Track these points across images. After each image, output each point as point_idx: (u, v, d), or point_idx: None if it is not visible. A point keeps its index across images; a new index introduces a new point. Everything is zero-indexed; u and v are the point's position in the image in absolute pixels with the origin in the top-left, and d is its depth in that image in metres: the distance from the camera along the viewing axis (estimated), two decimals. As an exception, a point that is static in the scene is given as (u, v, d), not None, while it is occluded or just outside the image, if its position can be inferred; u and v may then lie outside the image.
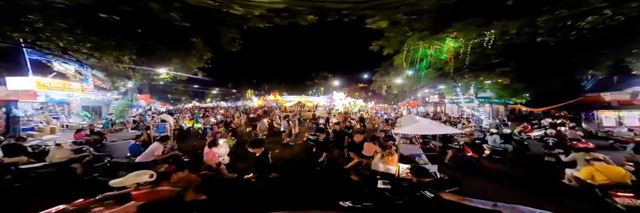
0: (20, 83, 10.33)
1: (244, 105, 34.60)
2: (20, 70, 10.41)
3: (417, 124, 5.06)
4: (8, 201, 2.72)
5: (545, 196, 4.16)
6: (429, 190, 2.76)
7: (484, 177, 5.22)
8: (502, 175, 5.36)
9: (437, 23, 6.79)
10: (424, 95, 28.79)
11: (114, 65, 12.10)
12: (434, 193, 2.67)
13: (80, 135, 8.53)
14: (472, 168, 5.76)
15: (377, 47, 10.63)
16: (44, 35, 6.71)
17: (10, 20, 5.66)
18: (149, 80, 20.95)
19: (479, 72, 11.00)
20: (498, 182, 4.86)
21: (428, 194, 2.68)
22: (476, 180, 4.96)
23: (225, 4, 5.65)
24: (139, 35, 8.34)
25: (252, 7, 5.91)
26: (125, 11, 5.91)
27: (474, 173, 5.39)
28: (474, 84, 12.77)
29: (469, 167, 5.79)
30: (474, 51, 8.92)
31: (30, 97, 11.02)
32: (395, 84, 20.82)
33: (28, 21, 5.77)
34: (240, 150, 6.42)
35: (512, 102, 14.46)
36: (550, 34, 6.39)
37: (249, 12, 6.06)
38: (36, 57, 10.96)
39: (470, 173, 5.33)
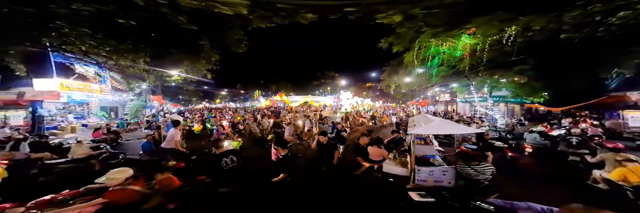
0: (46, 84, 10.95)
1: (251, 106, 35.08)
2: (46, 72, 11.03)
3: (431, 124, 4.84)
4: (34, 193, 2.92)
5: (580, 196, 3.95)
6: (482, 201, 2.39)
7: (528, 178, 4.98)
8: (544, 175, 5.16)
9: (455, 19, 6.51)
10: (435, 94, 28.11)
11: (130, 67, 12.60)
12: (492, 204, 2.31)
13: (98, 134, 8.93)
14: (511, 169, 5.51)
15: (387, 44, 10.43)
16: (69, 39, 7.12)
17: (39, 26, 6.06)
18: (161, 82, 21.67)
19: (494, 70, 10.59)
20: (542, 183, 4.69)
21: (486, 206, 2.28)
22: (522, 182, 4.73)
23: (212, 5, 5.69)
24: (153, 38, 8.67)
25: (235, 5, 5.88)
26: (140, 16, 6.15)
27: (516, 175, 5.14)
28: (489, 82, 12.32)
29: (507, 168, 5.48)
30: (492, 48, 8.58)
31: (54, 98, 11.65)
32: (405, 83, 20.41)
33: (55, 27, 6.14)
34: (247, 152, 6.38)
35: (529, 101, 13.85)
36: (576, 30, 6.03)
37: (237, 10, 6.01)
38: (60, 60, 11.59)
39: (513, 175, 5.09)
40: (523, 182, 4.69)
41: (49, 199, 2.80)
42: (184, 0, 5.41)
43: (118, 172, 2.94)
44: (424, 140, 6.57)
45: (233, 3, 5.72)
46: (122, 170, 2.99)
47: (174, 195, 3.02)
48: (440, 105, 29.73)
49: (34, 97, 10.97)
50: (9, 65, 9.33)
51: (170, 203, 2.90)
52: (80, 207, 2.59)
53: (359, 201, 3.66)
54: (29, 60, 9.94)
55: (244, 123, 10.91)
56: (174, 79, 20.80)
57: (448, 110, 26.73)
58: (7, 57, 8.41)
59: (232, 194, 3.33)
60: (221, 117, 13.97)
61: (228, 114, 17.88)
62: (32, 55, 9.68)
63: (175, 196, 3.01)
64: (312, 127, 9.07)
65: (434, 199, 2.75)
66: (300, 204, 3.52)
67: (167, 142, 5.28)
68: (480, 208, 2.26)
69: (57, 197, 2.86)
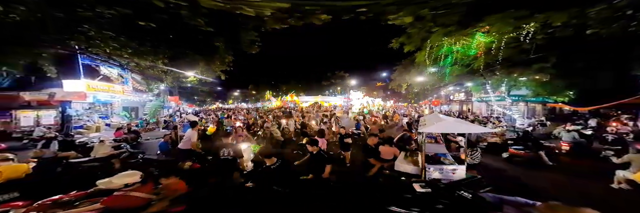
0: (74, 85, 11.69)
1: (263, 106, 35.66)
2: (74, 73, 11.79)
3: (441, 122, 4.82)
4: (55, 191, 3.10)
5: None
6: (465, 190, 2.87)
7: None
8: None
9: (467, 17, 6.30)
10: (448, 93, 27.23)
11: (150, 68, 13.23)
12: (471, 193, 2.80)
13: (120, 134, 9.35)
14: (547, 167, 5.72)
15: (398, 44, 10.25)
16: (95, 42, 7.63)
17: (69, 29, 6.53)
18: (178, 83, 22.56)
19: (512, 69, 10.08)
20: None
21: (465, 194, 2.77)
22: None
23: (237, 6, 5.76)
24: (171, 40, 9.08)
25: (261, 8, 5.96)
26: (159, 18, 6.43)
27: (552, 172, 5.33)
28: (507, 81, 11.75)
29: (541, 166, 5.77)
30: (508, 46, 8.18)
31: (81, 98, 12.44)
32: (416, 82, 19.94)
33: (82, 30, 6.59)
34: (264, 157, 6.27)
35: (552, 100, 13.05)
36: (603, 25, 5.62)
37: (260, 12, 6.11)
38: (87, 62, 12.34)
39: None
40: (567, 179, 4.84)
41: (55, 200, 2.80)
42: (207, 2, 5.51)
43: (124, 176, 2.85)
44: (434, 139, 6.58)
45: (260, 5, 5.81)
46: (128, 174, 2.89)
47: (180, 200, 2.87)
48: (454, 105, 28.80)
49: (63, 98, 11.78)
50: (42, 67, 10.08)
51: (173, 208, 2.75)
52: (79, 212, 2.54)
53: (369, 194, 3.87)
54: (59, 63, 10.68)
55: (257, 125, 10.72)
56: (189, 80, 21.62)
57: (462, 110, 25.81)
58: (40, 59, 9.10)
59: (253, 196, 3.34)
60: (235, 118, 14.30)
61: (240, 114, 18.31)
62: (62, 57, 10.40)
63: (181, 201, 2.87)
64: (330, 125, 9.61)
65: (431, 190, 3.15)
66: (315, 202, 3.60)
67: (183, 143, 5.37)
68: (461, 196, 2.80)
69: (64, 198, 2.86)
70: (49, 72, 10.47)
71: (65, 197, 2.88)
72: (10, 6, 4.92)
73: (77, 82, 11.74)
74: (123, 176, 2.83)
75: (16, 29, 5.75)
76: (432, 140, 6.48)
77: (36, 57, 8.66)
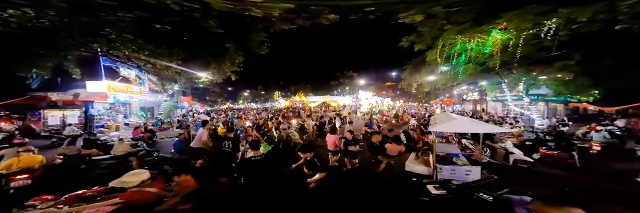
0: (96, 86, 12.31)
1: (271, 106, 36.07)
2: (96, 75, 12.42)
3: (453, 122, 4.70)
4: (83, 186, 3.29)
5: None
6: (484, 192, 2.70)
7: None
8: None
9: (482, 14, 6.06)
10: (461, 93, 26.39)
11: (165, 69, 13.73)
12: (492, 195, 2.63)
13: (137, 132, 9.73)
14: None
15: (408, 43, 10.04)
16: (115, 44, 8.04)
17: (92, 33, 6.92)
18: (191, 84, 23.28)
19: (531, 67, 9.61)
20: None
21: (485, 196, 2.60)
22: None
23: (245, 8, 5.85)
24: (184, 42, 9.39)
25: (269, 8, 6.03)
26: (174, 21, 6.67)
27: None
28: (525, 79, 11.21)
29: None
30: (528, 43, 7.79)
31: (102, 98, 13.10)
32: (427, 81, 19.48)
33: (104, 33, 6.96)
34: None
35: (576, 100, 12.34)
36: (636, 20, 5.25)
37: (268, 13, 6.18)
38: (108, 64, 12.97)
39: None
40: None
41: (80, 194, 2.97)
42: (217, 4, 5.66)
43: (133, 174, 2.98)
44: (446, 139, 6.42)
45: (267, 6, 5.91)
46: (137, 172, 3.03)
47: (190, 196, 2.94)
48: (467, 104, 27.87)
49: (87, 98, 12.46)
50: (68, 69, 10.70)
51: (183, 205, 2.80)
52: (98, 206, 2.67)
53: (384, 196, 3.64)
54: (83, 64, 11.29)
55: (267, 126, 10.57)
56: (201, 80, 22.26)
57: (477, 110, 24.93)
58: (66, 61, 9.68)
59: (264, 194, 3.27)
60: (245, 118, 14.53)
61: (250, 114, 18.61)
62: (85, 59, 11.01)
63: (191, 198, 2.93)
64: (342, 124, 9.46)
65: (445, 191, 3.00)
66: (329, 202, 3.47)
67: (195, 142, 5.55)
68: (481, 199, 2.59)
69: (87, 192, 3.04)
70: (73, 73, 11.09)
71: (88, 191, 3.06)
72: (42, 12, 5.24)
73: (99, 83, 12.34)
74: (132, 175, 2.97)
75: (46, 33, 6.15)
76: (444, 139, 6.37)
77: (62, 60, 9.22)
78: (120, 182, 2.90)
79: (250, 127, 7.36)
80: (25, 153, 4.57)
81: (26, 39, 6.21)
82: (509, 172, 5.13)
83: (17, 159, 4.36)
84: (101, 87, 12.37)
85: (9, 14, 5.15)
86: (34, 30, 5.88)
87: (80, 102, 12.44)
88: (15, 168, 4.21)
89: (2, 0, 4.76)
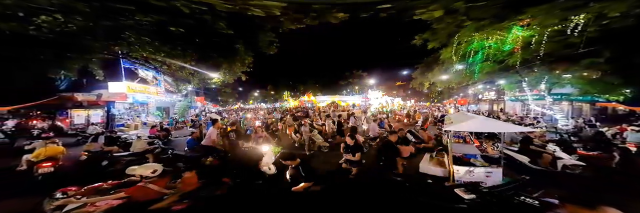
0: (117, 87, 12.98)
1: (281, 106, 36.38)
2: (117, 76, 13.07)
3: (469, 121, 4.52)
4: (103, 179, 3.51)
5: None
6: (526, 196, 2.48)
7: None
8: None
9: (505, 10, 5.74)
10: (477, 92, 25.42)
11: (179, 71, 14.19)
12: (535, 198, 2.45)
13: (154, 131, 10.21)
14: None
15: (421, 41, 9.75)
16: (134, 47, 8.44)
17: (113, 36, 7.29)
18: (203, 84, 23.93)
19: (555, 65, 9.05)
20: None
21: (530, 201, 2.38)
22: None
23: (246, 8, 5.85)
24: (197, 44, 9.68)
25: (269, 8, 5.96)
26: (187, 24, 6.88)
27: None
28: (547, 78, 10.60)
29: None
30: (552, 40, 7.32)
31: (122, 99, 13.75)
32: (440, 81, 18.91)
33: (124, 37, 7.32)
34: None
35: (604, 99, 11.54)
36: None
37: (270, 12, 6.12)
38: (128, 66, 13.60)
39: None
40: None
41: (97, 187, 3.22)
42: (221, 5, 5.75)
43: (148, 166, 3.15)
44: (462, 139, 6.10)
45: (266, 5, 5.90)
46: (151, 166, 3.18)
47: (187, 196, 2.97)
48: (483, 104, 26.84)
49: (108, 98, 13.13)
50: (92, 71, 11.33)
51: (178, 204, 2.82)
52: (108, 198, 2.88)
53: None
54: (105, 66, 11.90)
55: (276, 126, 10.52)
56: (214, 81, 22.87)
57: (493, 110, 23.94)
58: (91, 63, 10.28)
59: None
60: (254, 118, 14.74)
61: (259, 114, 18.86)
62: (107, 62, 11.60)
63: (188, 197, 2.95)
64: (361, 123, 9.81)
65: (475, 196, 2.75)
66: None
67: (205, 140, 5.74)
68: (526, 203, 2.36)
69: (102, 185, 3.28)
70: (97, 75, 11.74)
71: (104, 184, 3.32)
72: (70, 17, 5.57)
73: (120, 84, 12.98)
74: (147, 167, 3.14)
75: (74, 37, 6.55)
76: (460, 139, 6.05)
77: (88, 62, 9.79)
78: (133, 170, 3.14)
79: (260, 128, 7.41)
80: (50, 145, 5.30)
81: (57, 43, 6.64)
82: (557, 179, 4.62)
83: (44, 149, 5.08)
84: (121, 88, 12.98)
85: (41, 20, 5.52)
86: (63, 35, 6.27)
87: (102, 102, 13.13)
88: (42, 157, 4.98)
89: (36, 7, 5.07)
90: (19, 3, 4.80)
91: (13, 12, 5.17)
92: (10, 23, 5.41)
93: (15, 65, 7.25)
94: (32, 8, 5.03)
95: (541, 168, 5.06)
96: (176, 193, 3.00)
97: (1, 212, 3.55)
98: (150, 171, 3.03)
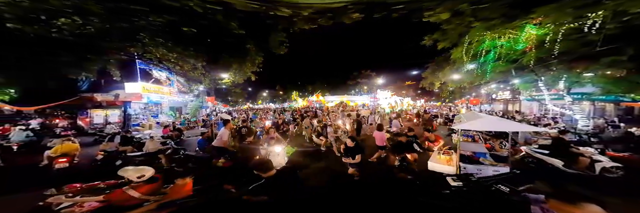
0: (133, 87, 13.46)
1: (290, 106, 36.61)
2: (133, 77, 13.57)
3: (479, 120, 4.48)
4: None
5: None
6: (504, 185, 2.82)
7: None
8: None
9: (513, 9, 5.53)
10: (490, 92, 24.54)
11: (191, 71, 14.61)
12: (510, 187, 2.74)
13: (166, 131, 10.44)
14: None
15: (431, 41, 9.55)
16: (148, 48, 8.74)
17: (129, 38, 7.58)
18: (214, 84, 24.46)
19: (574, 63, 8.61)
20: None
21: (503, 188, 2.74)
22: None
23: (273, 7, 5.83)
24: (209, 45, 9.92)
25: (300, 8, 5.96)
26: (199, 24, 7.02)
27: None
28: (566, 77, 10.11)
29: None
30: (568, 38, 6.98)
31: (138, 99, 14.28)
32: (452, 80, 18.42)
33: (139, 38, 7.58)
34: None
35: (629, 98, 10.88)
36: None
37: (297, 13, 6.12)
38: (143, 67, 14.10)
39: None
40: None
41: (93, 185, 3.20)
42: (243, 5, 5.74)
43: (138, 170, 2.98)
44: (472, 138, 6.20)
45: (299, 4, 5.82)
46: (141, 169, 3.01)
47: (166, 205, 2.72)
48: (497, 104, 25.91)
49: (125, 98, 13.67)
50: (110, 71, 11.84)
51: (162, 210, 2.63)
52: (90, 200, 2.78)
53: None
54: (122, 67, 12.40)
55: (286, 126, 10.45)
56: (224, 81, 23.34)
57: (508, 110, 23.08)
58: (109, 65, 10.75)
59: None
60: (264, 118, 14.89)
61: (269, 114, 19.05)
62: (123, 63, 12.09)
63: (171, 205, 2.72)
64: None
65: (461, 183, 3.15)
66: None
67: (217, 141, 5.67)
68: (500, 190, 2.75)
69: (99, 184, 3.26)
70: (115, 75, 12.26)
71: (101, 184, 3.32)
72: (88, 19, 5.84)
73: (136, 84, 13.45)
74: (137, 170, 2.97)
75: (92, 39, 6.88)
76: (469, 138, 6.16)
77: (106, 63, 10.25)
78: (124, 171, 2.99)
79: (272, 129, 7.16)
80: (66, 142, 5.75)
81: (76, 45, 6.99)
82: (595, 184, 4.37)
83: (60, 146, 5.52)
84: (137, 88, 13.47)
85: (61, 22, 5.80)
86: (82, 37, 6.59)
87: (120, 102, 13.69)
88: (58, 153, 5.44)
89: (54, 10, 5.32)
90: (37, 5, 5.07)
91: (36, 16, 5.44)
92: (34, 26, 5.71)
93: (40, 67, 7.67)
94: (50, 10, 5.29)
95: (577, 172, 4.75)
96: (158, 201, 2.78)
97: (15, 201, 3.82)
98: (137, 175, 2.88)
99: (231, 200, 2.91)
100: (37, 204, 2.87)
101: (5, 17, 5.30)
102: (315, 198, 3.32)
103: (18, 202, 3.71)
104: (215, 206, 2.85)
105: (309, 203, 2.71)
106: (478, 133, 6.25)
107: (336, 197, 3.82)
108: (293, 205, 2.40)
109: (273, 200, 2.40)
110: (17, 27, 5.55)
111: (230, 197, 2.95)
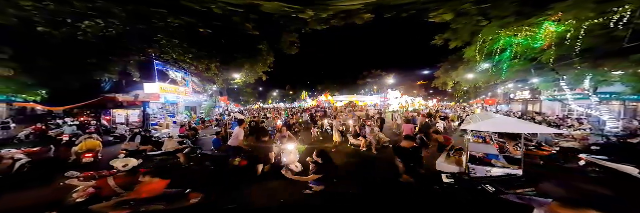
0: (152, 88, 14.08)
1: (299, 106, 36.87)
2: (151, 78, 14.21)
3: (491, 120, 4.34)
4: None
5: None
6: (490, 185, 2.95)
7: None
8: None
9: (525, 7, 5.32)
10: (508, 92, 23.50)
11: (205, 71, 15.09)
12: (495, 188, 2.87)
13: (183, 130, 10.67)
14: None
15: (442, 41, 9.32)
16: (166, 49, 9.12)
17: (147, 40, 7.94)
18: (227, 85, 25.10)
19: (600, 61, 8.11)
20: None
21: (489, 188, 2.87)
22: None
23: (300, 10, 5.78)
24: (223, 45, 10.22)
25: (322, 11, 5.89)
26: (215, 25, 7.20)
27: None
28: (592, 75, 9.52)
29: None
30: (591, 34, 6.58)
31: (156, 99, 14.92)
32: (466, 80, 17.81)
33: (156, 39, 7.91)
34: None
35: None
36: None
37: (318, 15, 6.10)
38: (160, 68, 14.73)
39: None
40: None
41: (99, 173, 3.40)
42: (274, 8, 5.71)
43: (123, 160, 3.36)
44: (483, 139, 6.03)
45: (323, 8, 5.83)
46: (127, 160, 3.38)
47: (127, 203, 2.74)
48: (516, 104, 24.76)
49: (144, 99, 14.31)
50: (130, 72, 12.45)
51: (117, 210, 2.65)
52: (89, 185, 3.06)
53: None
54: (141, 68, 13.01)
55: (298, 126, 10.24)
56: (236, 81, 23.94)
57: (527, 110, 22.01)
58: (129, 66, 11.32)
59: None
60: (276, 117, 15.08)
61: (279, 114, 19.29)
62: (142, 64, 12.69)
63: (129, 204, 2.73)
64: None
65: (453, 181, 3.34)
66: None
67: (232, 140, 5.67)
68: (484, 190, 2.88)
69: (103, 173, 3.45)
70: (134, 76, 12.88)
71: (105, 173, 3.53)
72: (109, 22, 6.16)
73: (154, 84, 14.06)
74: (123, 160, 3.37)
75: (114, 41, 7.26)
76: (480, 139, 6.02)
77: (127, 65, 10.80)
78: (114, 161, 3.42)
79: (284, 128, 7.19)
80: (89, 139, 6.27)
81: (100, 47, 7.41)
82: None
83: (85, 143, 6.05)
84: (155, 89, 14.07)
85: (85, 25, 6.16)
86: (105, 39, 6.97)
87: (139, 102, 14.35)
88: (84, 149, 5.92)
89: (79, 12, 5.60)
90: (63, 8, 5.39)
91: (63, 19, 5.80)
92: (62, 30, 6.09)
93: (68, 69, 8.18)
94: (76, 13, 5.60)
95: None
96: (122, 198, 2.77)
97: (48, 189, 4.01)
98: (122, 165, 3.23)
99: (183, 209, 2.87)
100: (59, 184, 3.36)
101: (35, 21, 5.72)
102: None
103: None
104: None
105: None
106: (490, 135, 6.05)
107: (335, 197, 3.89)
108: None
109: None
110: (47, 30, 5.97)
111: (187, 205, 2.91)
